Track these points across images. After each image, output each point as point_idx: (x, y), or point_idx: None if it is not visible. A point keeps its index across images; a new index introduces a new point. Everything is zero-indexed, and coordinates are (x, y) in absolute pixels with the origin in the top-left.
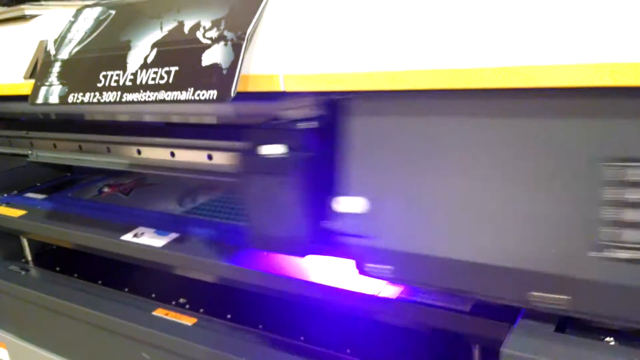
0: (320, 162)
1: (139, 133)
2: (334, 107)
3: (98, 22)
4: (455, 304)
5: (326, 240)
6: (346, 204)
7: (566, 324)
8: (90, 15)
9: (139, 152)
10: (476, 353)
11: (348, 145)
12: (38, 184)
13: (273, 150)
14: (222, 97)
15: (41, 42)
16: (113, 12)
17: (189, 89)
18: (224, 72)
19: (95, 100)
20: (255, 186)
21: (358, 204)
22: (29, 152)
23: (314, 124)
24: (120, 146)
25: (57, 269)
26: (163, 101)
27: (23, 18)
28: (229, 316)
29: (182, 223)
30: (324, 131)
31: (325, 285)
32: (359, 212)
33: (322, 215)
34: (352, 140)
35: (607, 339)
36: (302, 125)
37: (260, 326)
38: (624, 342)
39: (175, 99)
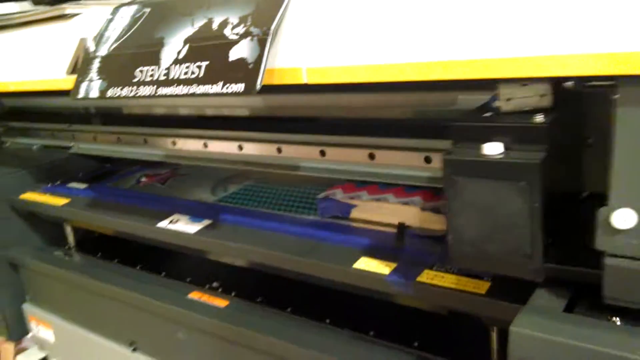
0: (557, 166)
1: (174, 125)
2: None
3: (134, 20)
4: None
5: (563, 260)
6: (618, 217)
7: (575, 304)
8: (126, 14)
9: (174, 143)
10: (494, 336)
11: (621, 144)
12: (80, 174)
13: (498, 149)
14: (248, 90)
15: (82, 40)
16: (148, 9)
17: (219, 83)
18: (250, 66)
19: (132, 94)
20: (473, 193)
21: (632, 217)
22: (71, 144)
23: (550, 117)
24: (156, 138)
25: (99, 254)
26: (194, 95)
27: (64, 17)
28: (259, 299)
29: (215, 210)
30: (559, 125)
31: (350, 270)
32: (632, 228)
33: (555, 231)
34: (626, 137)
35: (614, 318)
36: (538, 119)
37: (289, 309)
38: (630, 321)
39: (205, 92)
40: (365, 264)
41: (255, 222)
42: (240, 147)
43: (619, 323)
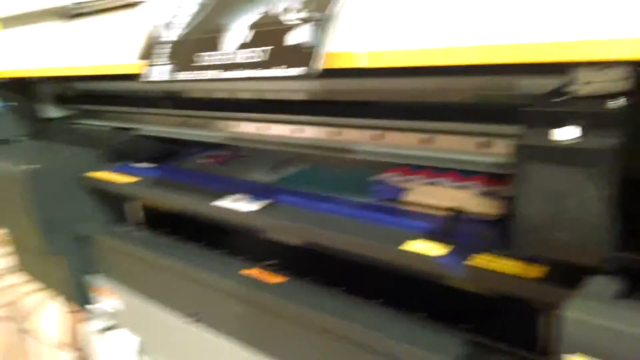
0: (634, 153)
1: (234, 109)
2: None
3: (201, 6)
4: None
5: (635, 249)
6: None
7: (632, 292)
8: (192, 0)
9: (234, 126)
10: (545, 321)
11: None
12: (147, 155)
13: (573, 135)
14: (309, 73)
15: (151, 26)
16: None
17: (282, 66)
18: (311, 49)
19: (199, 77)
20: (544, 179)
21: None
22: (139, 126)
23: (627, 102)
24: (218, 121)
25: (164, 230)
26: (258, 78)
27: (133, 4)
28: (315, 277)
29: (274, 191)
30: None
31: (403, 251)
32: None
33: (629, 219)
34: None
35: None
36: (614, 104)
37: (343, 288)
38: None
39: (269, 75)
40: (419, 245)
41: (312, 204)
42: (298, 131)
43: None
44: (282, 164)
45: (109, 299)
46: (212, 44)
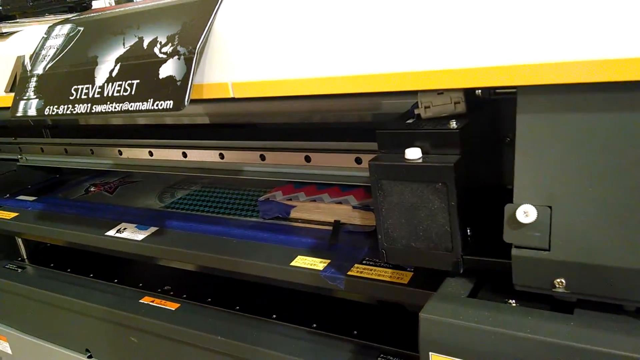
0: (473, 165)
1: (119, 135)
2: (485, 102)
3: (69, 39)
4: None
5: (480, 252)
6: (521, 213)
7: (479, 290)
8: (61, 32)
9: (120, 152)
10: None
11: (521, 146)
12: (29, 187)
13: (419, 154)
14: (177, 107)
15: (19, 58)
16: (82, 28)
17: (149, 100)
18: (178, 83)
19: (68, 112)
20: (397, 195)
21: (533, 212)
22: (19, 156)
23: (463, 122)
24: (103, 148)
25: (51, 265)
26: (127, 111)
27: (1, 35)
28: (209, 300)
29: (161, 217)
30: (473, 129)
31: (288, 267)
32: (534, 221)
33: (475, 225)
34: (525, 141)
35: (511, 301)
36: (454, 125)
37: (237, 307)
38: (525, 303)
39: (137, 109)
40: (302, 261)
41: (200, 227)
42: (185, 154)
43: (514, 304)
44: (171, 189)
45: (1, 341)
46: (81, 78)
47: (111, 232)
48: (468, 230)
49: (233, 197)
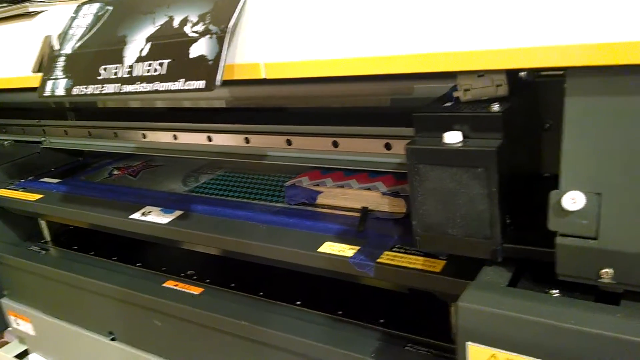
0: (513, 151)
1: (144, 118)
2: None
3: (97, 18)
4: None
5: (519, 240)
6: (568, 199)
7: (518, 279)
8: (89, 11)
9: (144, 136)
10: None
11: (569, 131)
12: (52, 169)
13: (459, 138)
14: (209, 86)
15: (46, 38)
16: (110, 8)
17: (180, 80)
18: (210, 63)
19: (97, 92)
20: (435, 180)
21: (581, 198)
22: (42, 139)
23: (505, 106)
24: (126, 131)
25: (74, 247)
26: (157, 91)
27: (28, 15)
28: (232, 285)
29: (186, 201)
30: (515, 113)
31: (316, 254)
32: (582, 209)
33: (513, 212)
34: (573, 125)
35: (552, 291)
36: (496, 108)
37: (261, 293)
38: (567, 293)
39: (168, 89)
40: (330, 247)
41: (226, 211)
42: (210, 138)
43: (556, 295)
44: (195, 173)
45: (22, 322)
46: (110, 57)
47: (136, 215)
48: (507, 218)
49: (257, 182)
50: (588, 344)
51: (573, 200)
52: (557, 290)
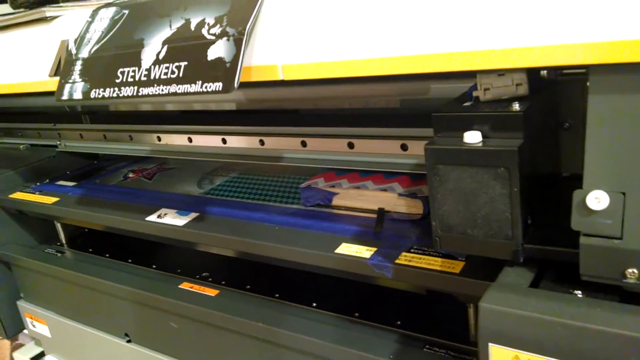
0: (534, 151)
1: (159, 121)
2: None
3: (113, 22)
4: (448, 266)
5: (541, 240)
6: (592, 199)
7: (540, 280)
8: (105, 15)
9: (159, 139)
10: (471, 312)
11: (592, 129)
12: (67, 172)
13: (479, 137)
14: (226, 89)
15: (62, 42)
16: (126, 11)
17: (198, 82)
18: (228, 65)
19: (114, 95)
20: (455, 180)
21: (605, 198)
22: (58, 142)
23: (525, 105)
24: (141, 134)
25: (90, 250)
26: (175, 94)
27: (44, 19)
28: (248, 287)
29: (202, 203)
30: (535, 112)
31: (333, 255)
32: (606, 208)
33: (534, 213)
34: (596, 123)
35: (576, 291)
36: (517, 107)
37: (277, 295)
38: (591, 294)
39: (185, 91)
40: (347, 248)
41: (241, 213)
42: (224, 141)
43: (580, 295)
44: (210, 175)
45: (38, 324)
46: (127, 60)
47: (152, 218)
48: (528, 218)
49: (272, 184)
50: (614, 345)
51: (597, 199)
52: (580, 291)
